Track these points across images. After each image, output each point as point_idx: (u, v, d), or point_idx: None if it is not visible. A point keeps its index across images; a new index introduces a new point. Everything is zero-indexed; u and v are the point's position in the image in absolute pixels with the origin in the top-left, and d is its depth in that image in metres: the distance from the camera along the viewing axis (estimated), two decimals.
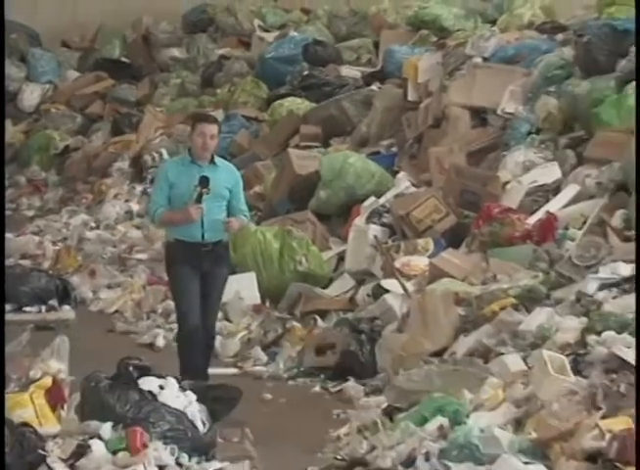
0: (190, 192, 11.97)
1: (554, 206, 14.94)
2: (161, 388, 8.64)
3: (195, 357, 11.93)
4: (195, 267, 12.20)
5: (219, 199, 12.14)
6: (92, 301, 16.23)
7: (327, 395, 13.14)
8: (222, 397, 9.63)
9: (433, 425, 10.92)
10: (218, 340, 13.74)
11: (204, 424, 8.51)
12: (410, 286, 14.45)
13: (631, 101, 15.39)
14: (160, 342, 14.98)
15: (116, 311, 16.03)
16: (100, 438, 7.98)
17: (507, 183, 15.73)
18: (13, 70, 23.61)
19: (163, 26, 24.87)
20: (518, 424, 10.82)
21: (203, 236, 12.10)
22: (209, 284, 12.31)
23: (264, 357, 14.21)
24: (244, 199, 12.62)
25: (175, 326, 15.11)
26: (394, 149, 18.03)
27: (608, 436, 10.04)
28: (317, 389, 13.18)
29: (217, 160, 12.47)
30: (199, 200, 11.87)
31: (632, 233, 13.86)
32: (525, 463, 10.14)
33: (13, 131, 22.72)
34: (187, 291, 12.21)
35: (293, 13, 24.43)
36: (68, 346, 9.37)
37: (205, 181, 11.88)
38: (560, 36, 18.27)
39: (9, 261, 16.28)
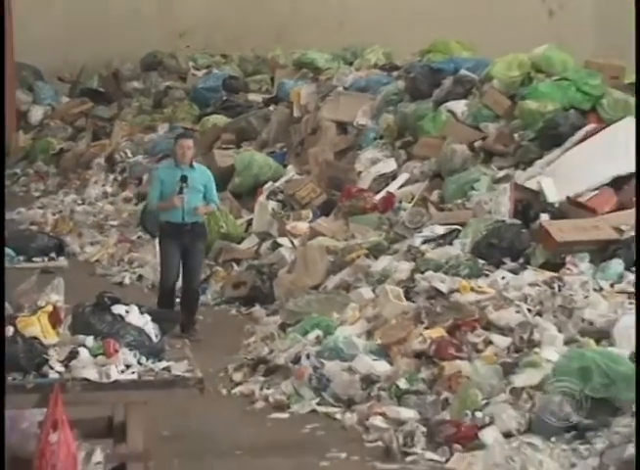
0: (174, 186, 11.90)
1: (392, 187, 14.94)
2: (127, 312, 8.43)
3: (166, 300, 11.77)
4: (178, 242, 12.08)
5: (196, 192, 12.02)
6: (79, 253, 16.09)
7: (240, 316, 13.17)
8: (168, 318, 9.54)
9: (312, 335, 11.17)
10: None
11: (156, 336, 8.41)
12: (296, 242, 14.48)
13: (444, 117, 15.47)
14: (127, 281, 14.99)
15: (96, 261, 16.00)
16: (85, 346, 7.84)
17: (360, 172, 15.67)
18: (23, 96, 23.17)
19: (127, 66, 24.47)
20: (369, 334, 11.03)
21: (183, 218, 11.97)
22: (190, 256, 12.18)
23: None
24: (215, 191, 12.47)
25: (137, 270, 15.41)
26: (285, 149, 17.93)
27: (428, 341, 10.31)
28: (234, 312, 13.16)
29: (195, 164, 12.39)
30: (180, 192, 11.82)
31: (445, 205, 13.96)
32: (374, 360, 10.42)
33: (24, 138, 22.34)
34: (169, 260, 12.15)
35: (215, 57, 24.14)
36: (63, 284, 9.22)
37: (184, 179, 11.83)
38: (395, 73, 17.95)
39: (22, 226, 16.43)
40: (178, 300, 12.68)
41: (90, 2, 23.58)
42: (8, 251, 11.22)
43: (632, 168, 12.82)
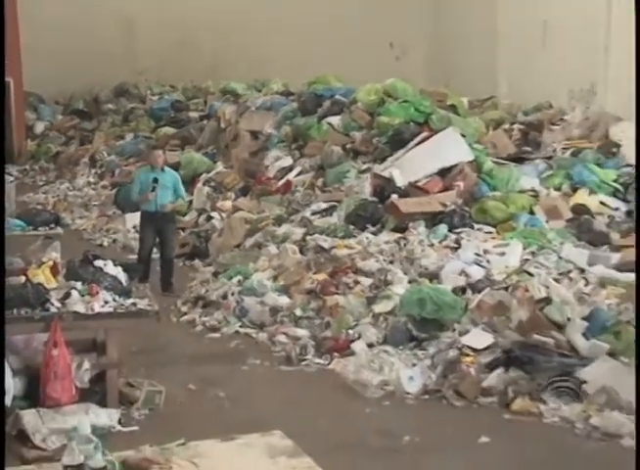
0: (149, 185, 11.49)
1: (290, 176, 14.84)
2: (105, 265, 8.33)
3: (144, 266, 11.03)
4: (152, 225, 11.66)
5: (165, 189, 11.55)
6: (71, 224, 15.70)
7: (185, 267, 12.94)
8: (133, 269, 9.43)
9: (235, 279, 11.08)
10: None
11: (125, 281, 8.34)
12: (224, 215, 14.35)
13: (324, 127, 15.33)
14: (105, 243, 14.62)
15: (83, 229, 15.61)
16: (76, 289, 7.78)
17: (268, 166, 15.49)
18: (30, 115, 22.82)
19: (104, 93, 24.05)
20: (275, 278, 10.92)
21: (156, 208, 11.54)
22: (163, 235, 11.73)
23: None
24: (181, 187, 11.94)
25: (112, 236, 15.11)
26: (215, 150, 17.74)
27: (316, 282, 10.29)
28: (180, 264, 12.86)
29: (166, 168, 11.93)
30: (153, 190, 11.42)
31: (327, 188, 13.89)
32: (278, 296, 10.37)
33: (30, 144, 21.88)
34: (144, 238, 11.77)
35: (165, 87, 23.86)
36: (59, 246, 9.09)
37: (155, 180, 11.43)
38: (291, 97, 17.87)
39: (31, 206, 16.10)
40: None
41: (77, 47, 23.20)
42: (20, 223, 11.05)
43: (452, 161, 12.98)
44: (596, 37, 18.58)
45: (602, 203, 12.58)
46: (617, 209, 12.50)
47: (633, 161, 14.62)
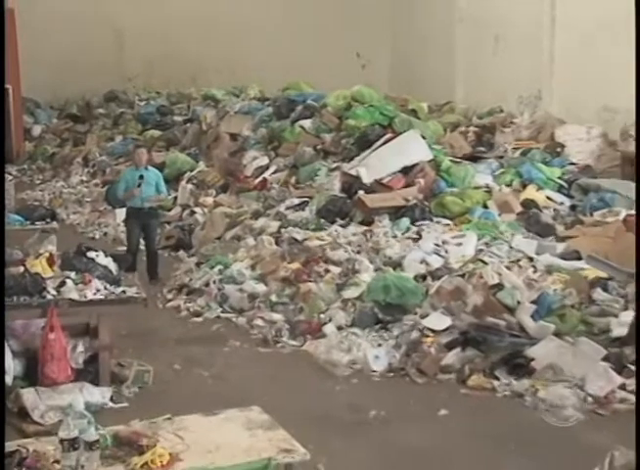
0: (134, 182, 11.27)
1: (266, 174, 14.74)
2: (97, 256, 8.33)
3: (132, 257, 10.69)
4: (138, 220, 11.44)
5: (149, 186, 11.31)
6: (66, 219, 15.60)
7: (171, 257, 12.82)
8: (123, 259, 9.40)
9: (216, 268, 11.01)
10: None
11: (115, 271, 8.32)
12: (206, 210, 14.21)
13: (297, 130, 15.24)
14: (97, 236, 14.49)
15: (77, 224, 15.48)
16: (70, 278, 7.74)
17: (245, 165, 15.40)
18: (28, 119, 22.72)
19: (95, 99, 23.81)
20: (252, 267, 10.86)
21: (141, 204, 11.35)
22: (148, 229, 11.53)
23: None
24: (163, 184, 11.69)
25: (103, 229, 15.00)
26: (197, 151, 17.66)
27: (290, 271, 10.21)
28: (166, 255, 12.80)
29: (149, 167, 11.69)
30: (138, 186, 11.21)
31: (300, 185, 13.80)
32: (256, 283, 10.32)
33: (28, 146, 21.71)
34: (131, 232, 11.54)
35: (152, 93, 23.63)
36: (55, 239, 9.07)
37: (141, 177, 11.21)
38: (266, 103, 17.79)
39: (29, 202, 15.88)
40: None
41: (71, 57, 23.05)
42: (19, 218, 11.00)
43: (414, 161, 12.98)
44: (542, 49, 18.74)
45: (548, 198, 12.68)
46: (561, 203, 12.60)
47: (576, 159, 14.80)
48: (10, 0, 19.48)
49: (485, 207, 12.12)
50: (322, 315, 9.31)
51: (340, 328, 9.00)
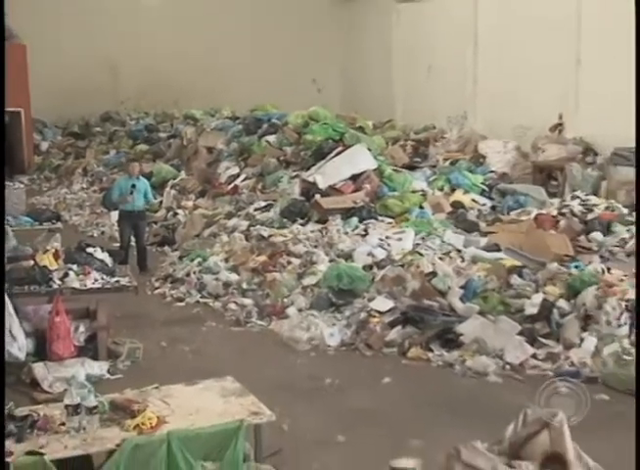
0: (127, 189, 11.09)
1: (237, 181, 14.61)
2: (95, 251, 8.32)
3: (124, 253, 10.71)
4: (129, 222, 11.24)
5: (140, 193, 11.14)
6: (69, 220, 15.39)
7: (157, 252, 12.64)
8: (117, 254, 9.31)
9: (196, 261, 10.91)
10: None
11: (111, 264, 8.27)
12: (187, 212, 14.05)
13: (263, 144, 15.06)
14: (95, 235, 14.27)
15: (78, 224, 15.26)
16: (72, 270, 7.71)
17: (220, 174, 15.33)
18: (37, 136, 22.36)
19: (93, 119, 23.48)
20: (226, 260, 10.79)
21: (133, 208, 11.14)
22: (138, 229, 11.31)
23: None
24: (150, 193, 11.50)
25: (101, 229, 14.81)
26: (179, 162, 17.52)
27: (258, 262, 10.19)
28: (154, 250, 12.64)
29: (140, 178, 11.42)
30: (131, 193, 11.04)
31: (266, 191, 13.65)
32: (230, 273, 10.25)
33: (38, 159, 21.46)
34: (124, 232, 11.31)
35: (141, 114, 23.34)
36: (60, 237, 9.03)
37: (133, 186, 11.05)
38: (238, 121, 17.66)
39: (38, 206, 15.61)
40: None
41: (73, 85, 22.89)
42: (29, 219, 11.04)
43: (361, 169, 12.97)
44: (466, 77, 18.92)
45: (473, 200, 12.81)
46: (484, 204, 12.72)
47: (495, 168, 14.97)
48: (22, 38, 20.30)
49: (421, 207, 12.17)
50: (285, 300, 9.29)
51: (300, 310, 8.98)
